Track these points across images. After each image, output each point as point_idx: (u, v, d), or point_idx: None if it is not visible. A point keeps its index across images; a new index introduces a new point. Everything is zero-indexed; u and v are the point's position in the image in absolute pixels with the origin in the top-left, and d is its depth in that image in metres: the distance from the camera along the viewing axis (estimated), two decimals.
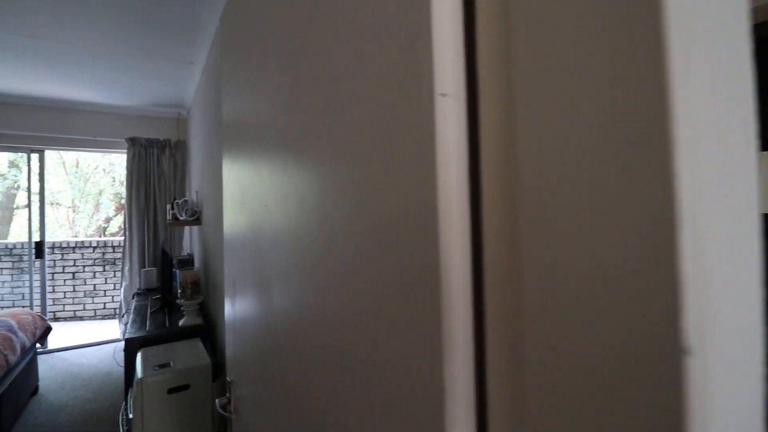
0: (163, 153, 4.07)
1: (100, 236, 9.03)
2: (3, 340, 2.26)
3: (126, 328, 3.90)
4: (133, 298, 3.11)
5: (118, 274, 5.03)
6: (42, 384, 2.95)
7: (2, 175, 8.35)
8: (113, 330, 4.36)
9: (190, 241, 4.16)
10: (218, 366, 1.87)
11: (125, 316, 3.75)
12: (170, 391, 1.65)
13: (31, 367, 2.72)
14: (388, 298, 0.36)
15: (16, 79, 2.97)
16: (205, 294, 2.41)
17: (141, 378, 1.61)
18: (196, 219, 2.91)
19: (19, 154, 7.13)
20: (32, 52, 2.46)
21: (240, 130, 0.97)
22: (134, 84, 3.19)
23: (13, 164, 8.32)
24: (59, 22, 2.02)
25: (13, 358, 2.27)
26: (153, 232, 3.99)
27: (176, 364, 1.72)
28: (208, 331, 2.24)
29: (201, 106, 2.90)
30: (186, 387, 1.69)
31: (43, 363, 3.35)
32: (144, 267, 3.90)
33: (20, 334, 2.47)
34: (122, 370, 3.19)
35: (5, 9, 1.85)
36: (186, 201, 3.00)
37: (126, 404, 1.94)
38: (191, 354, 1.84)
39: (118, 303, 5.00)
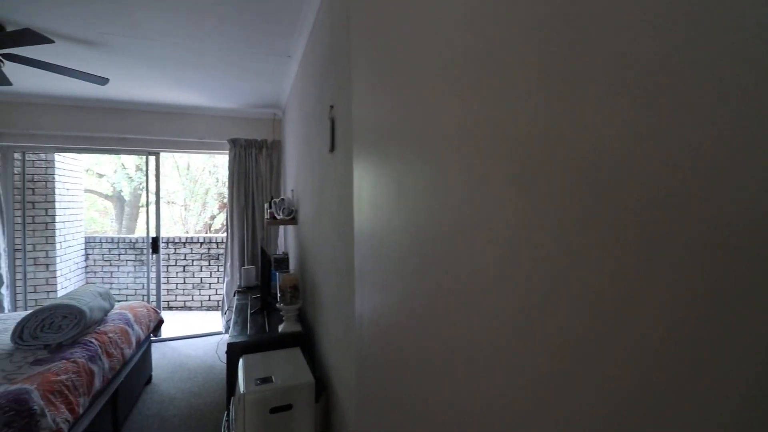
0: (260, 153, 4.15)
1: (206, 232, 9.96)
2: (121, 333, 2.36)
3: (228, 325, 4.10)
4: (234, 296, 3.14)
5: (221, 269, 5.35)
6: (155, 373, 3.12)
7: (130, 177, 9.62)
8: (216, 322, 4.60)
9: (284, 239, 4.20)
10: (320, 383, 1.68)
11: (227, 312, 3.89)
12: (273, 410, 1.48)
13: (146, 358, 2.87)
14: None
15: (136, 85, 3.18)
16: (303, 298, 2.26)
17: (243, 393, 1.47)
18: (292, 218, 2.82)
19: (140, 156, 7.99)
20: (146, 55, 2.56)
21: (380, 129, 0.91)
22: (235, 84, 3.24)
23: (138, 168, 9.54)
24: (167, 17, 2.01)
25: (128, 352, 2.36)
26: (251, 230, 4.09)
27: (278, 380, 1.56)
28: (307, 339, 2.08)
29: (297, 101, 2.80)
30: (288, 407, 1.51)
31: (156, 351, 3.59)
32: (244, 264, 4.01)
33: (136, 327, 2.59)
34: (224, 366, 3.29)
35: (120, 6, 1.86)
36: (283, 200, 2.93)
37: (228, 414, 1.85)
38: (293, 367, 1.67)
39: (222, 297, 5.32)
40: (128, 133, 3.86)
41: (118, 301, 5.62)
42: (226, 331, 4.00)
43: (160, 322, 3.04)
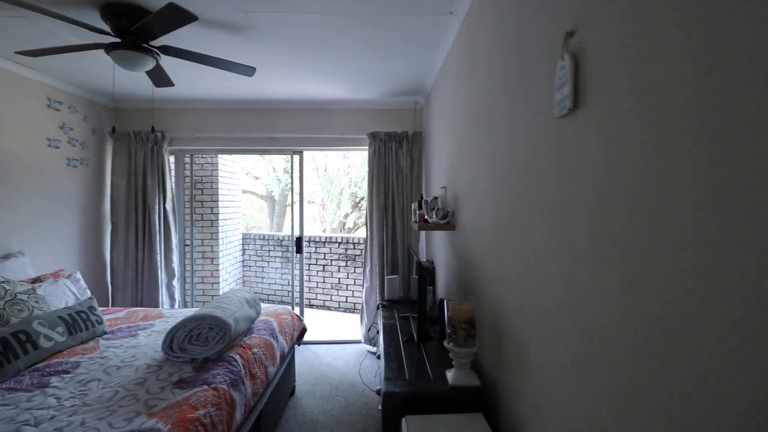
0: (400, 147, 3.71)
1: (340, 230, 10.35)
2: (266, 347, 2.12)
3: (369, 337, 3.72)
4: (378, 309, 2.74)
5: (358, 270, 5.18)
6: (298, 383, 2.93)
7: (279, 179, 10.58)
8: (355, 328, 4.37)
9: (425, 245, 3.69)
10: None
11: (371, 328, 3.57)
12: None
13: (289, 369, 2.66)
14: None
15: (281, 76, 3.04)
16: (479, 338, 1.63)
17: None
18: (446, 222, 2.24)
19: (286, 159, 8.39)
20: (290, 38, 2.29)
21: None
22: (377, 67, 2.83)
23: (285, 170, 10.41)
24: None
25: (272, 370, 2.10)
26: (391, 233, 3.69)
27: None
28: (489, 400, 1.46)
29: (458, 70, 2.21)
30: None
31: (299, 355, 3.46)
32: (383, 269, 3.64)
33: (280, 338, 2.36)
34: (365, 387, 2.94)
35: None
36: (436, 199, 2.38)
37: None
38: None
39: (360, 301, 5.14)
40: (276, 132, 3.85)
41: (267, 295, 6.03)
42: (366, 342, 3.68)
43: (303, 330, 2.82)
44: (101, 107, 3.65)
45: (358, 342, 3.85)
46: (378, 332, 2.61)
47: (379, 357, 2.23)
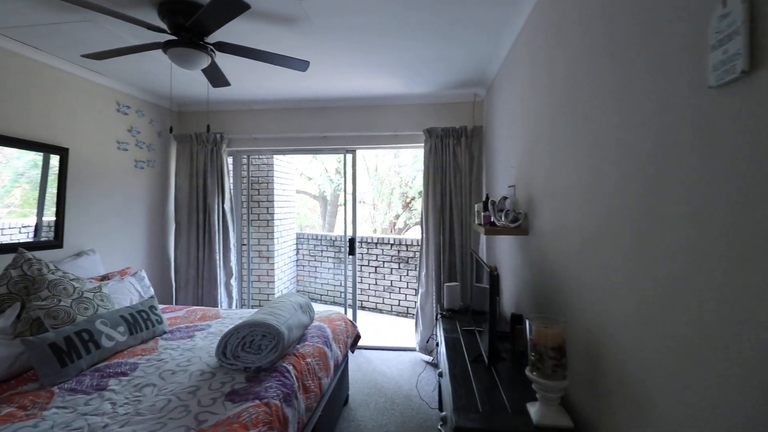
0: (458, 143, 3.46)
1: (390, 230, 10.22)
2: (320, 356, 1.99)
3: (426, 347, 3.33)
4: (437, 319, 2.53)
5: (411, 273, 4.99)
6: (351, 391, 2.80)
7: (331, 179, 10.69)
8: (408, 334, 4.19)
9: (485, 249, 3.41)
10: None
11: (430, 340, 3.34)
12: None
13: (343, 379, 2.53)
14: None
15: (335, 71, 2.92)
16: (570, 369, 1.36)
17: None
18: (517, 226, 1.97)
19: (338, 159, 8.36)
20: (345, 26, 2.14)
21: None
22: (436, 57, 2.61)
23: (337, 171, 10.49)
24: None
25: (326, 382, 1.97)
26: (449, 235, 3.45)
27: None
28: None
29: (526, 56, 1.93)
30: None
31: (352, 361, 3.34)
32: (439, 274, 3.40)
33: (334, 346, 2.22)
34: (422, 402, 2.74)
35: None
36: (505, 200, 2.11)
37: None
38: None
39: (413, 305, 4.94)
40: (329, 131, 3.77)
41: (320, 295, 6.03)
42: (421, 350, 3.47)
43: (357, 337, 2.68)
44: (165, 111, 3.79)
45: (412, 350, 3.66)
46: (437, 345, 2.40)
47: (441, 375, 2.01)
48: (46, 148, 2.57)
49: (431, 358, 3.40)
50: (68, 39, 2.28)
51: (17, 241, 2.43)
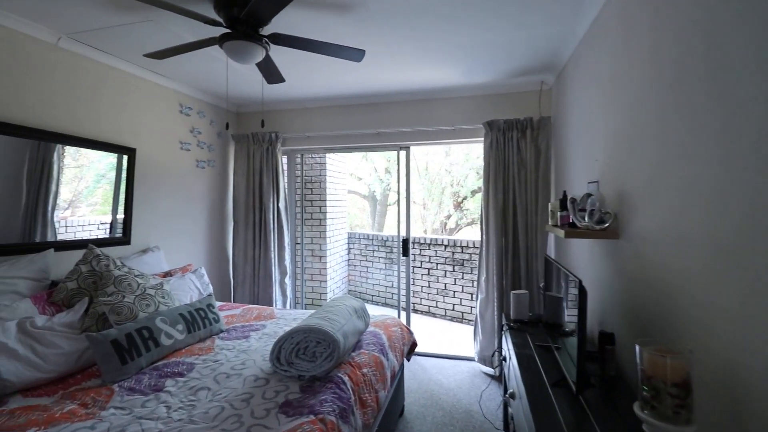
0: (523, 136, 3.16)
1: (441, 231, 9.93)
2: (376, 366, 1.84)
3: (486, 359, 3.04)
4: (502, 330, 2.28)
5: (467, 276, 4.72)
6: (406, 401, 2.63)
7: (381, 179, 10.62)
8: (466, 342, 3.95)
9: (553, 252, 3.08)
10: None
11: (495, 354, 3.07)
12: None
13: (399, 389, 2.37)
14: None
15: (390, 62, 2.77)
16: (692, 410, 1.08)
17: None
18: (603, 228, 1.68)
19: (388, 159, 8.23)
20: (403, 11, 1.97)
21: None
22: (497, 42, 2.37)
23: (386, 170, 10.40)
24: None
25: (383, 395, 1.82)
26: (512, 237, 3.16)
27: None
28: None
29: (618, 27, 1.64)
30: None
31: (405, 367, 3.17)
32: (501, 279, 3.13)
33: (391, 355, 2.07)
34: (488, 422, 2.47)
35: None
36: (589, 197, 1.83)
37: None
38: None
39: (469, 310, 4.68)
40: (382, 127, 3.64)
41: (371, 296, 5.94)
42: (481, 361, 3.22)
43: (414, 345, 2.51)
44: (224, 111, 3.87)
45: (470, 359, 3.41)
46: (504, 360, 2.16)
47: (512, 396, 1.78)
48: (116, 149, 2.68)
49: (493, 371, 3.14)
50: (132, 41, 2.34)
51: (95, 237, 2.57)
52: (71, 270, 2.13)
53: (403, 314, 3.81)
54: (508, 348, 2.08)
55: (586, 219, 1.75)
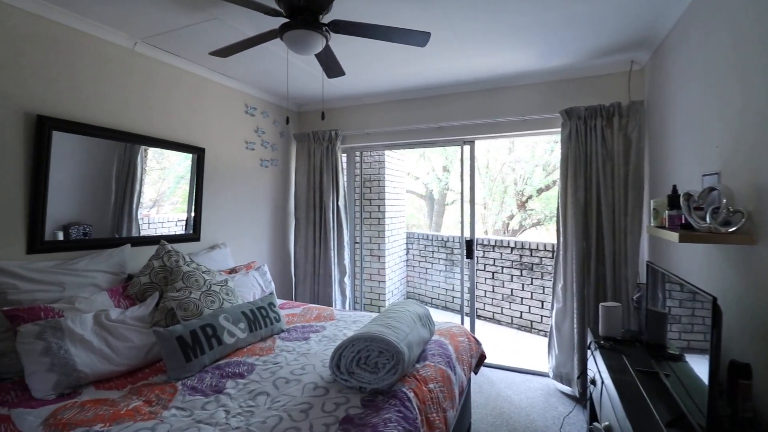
0: (608, 124, 2.77)
1: (504, 232, 9.40)
2: (443, 381, 1.66)
3: (564, 376, 2.69)
4: (590, 349, 1.98)
5: (537, 281, 4.33)
6: (473, 417, 2.40)
7: (439, 179, 10.33)
8: (537, 352, 3.60)
9: (645, 257, 2.65)
10: None
11: (579, 376, 2.69)
12: None
13: (466, 406, 2.16)
14: None
15: (454, 57, 2.57)
16: None
17: None
18: (733, 231, 1.33)
19: (447, 158, 7.91)
20: (467, 5, 1.76)
21: None
22: (579, 15, 2.05)
23: (445, 169, 10.09)
24: None
25: (451, 414, 1.63)
26: (595, 240, 2.78)
27: None
28: None
29: None
30: None
31: (471, 380, 2.93)
32: (583, 287, 2.76)
33: (458, 369, 1.87)
34: None
35: None
36: (711, 192, 1.48)
37: None
38: None
39: (542, 322, 4.28)
40: (444, 120, 3.43)
41: (430, 299, 5.72)
42: (558, 378, 2.88)
43: (482, 357, 2.28)
44: (286, 111, 3.91)
45: (543, 375, 3.08)
46: (593, 383, 1.85)
47: (596, 425, 1.49)
48: (188, 149, 2.78)
49: (571, 390, 2.79)
50: (200, 42, 2.39)
51: (172, 234, 2.70)
52: (144, 265, 2.22)
53: (467, 320, 3.57)
54: (598, 370, 1.78)
55: (708, 219, 1.42)
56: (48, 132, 1.94)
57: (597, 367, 1.80)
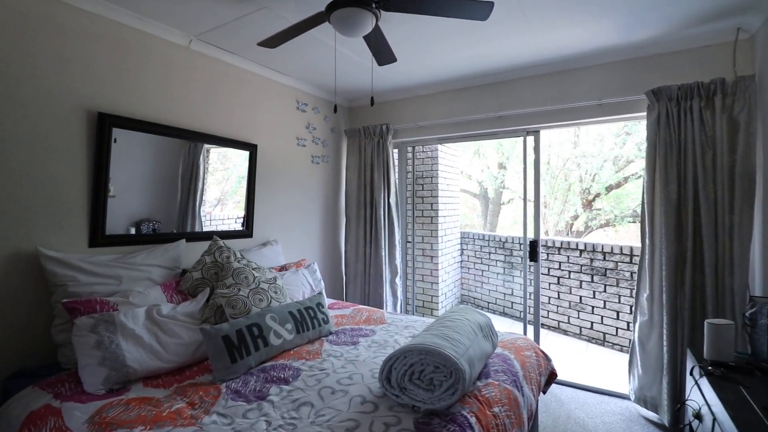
0: (708, 105, 2.33)
1: (567, 233, 8.69)
2: (509, 404, 1.42)
3: (647, 399, 2.34)
4: (692, 374, 1.62)
5: (611, 289, 3.85)
6: None
7: (495, 177, 9.82)
8: (614, 369, 3.18)
9: (760, 268, 2.18)
10: None
11: (678, 407, 2.26)
12: None
13: (534, 431, 1.88)
14: None
15: (517, 35, 2.29)
16: None
17: None
18: None
19: (507, 146, 7.44)
20: None
21: None
22: None
23: (501, 166, 9.57)
24: None
25: None
26: (692, 243, 2.35)
27: None
28: None
29: None
30: None
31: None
32: (675, 298, 2.34)
33: (526, 389, 1.62)
34: None
35: None
36: None
37: None
38: None
39: (618, 335, 3.80)
40: (504, 109, 3.13)
41: (487, 303, 5.37)
42: (640, 402, 2.49)
43: (552, 376, 1.99)
44: (338, 107, 3.83)
45: (623, 397, 2.68)
46: (698, 419, 1.50)
47: None
48: (241, 145, 2.78)
49: (658, 416, 2.39)
50: (251, 36, 2.34)
51: (229, 230, 2.75)
52: (197, 260, 2.22)
53: (530, 329, 3.24)
54: (706, 402, 1.44)
55: None
56: (108, 129, 1.99)
57: (704, 398, 1.46)
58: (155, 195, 2.29)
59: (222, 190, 2.72)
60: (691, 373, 1.67)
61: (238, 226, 2.83)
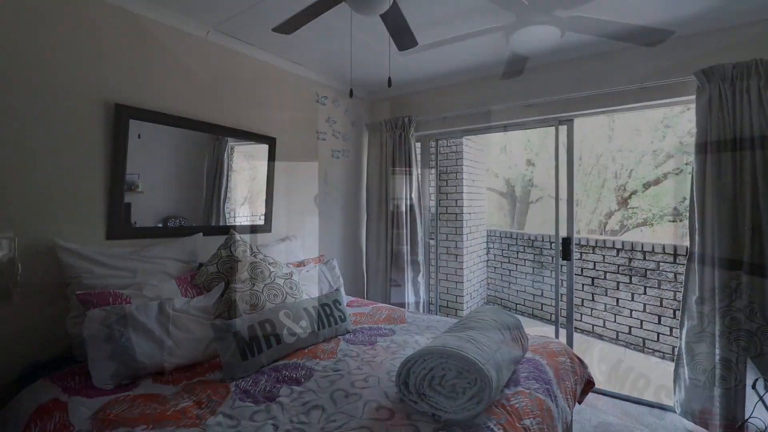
0: (767, 86, 2.07)
1: (600, 232, 8.26)
2: (541, 416, 1.28)
3: (686, 400, 2.10)
4: (755, 388, 1.42)
5: (652, 291, 3.57)
6: None
7: (523, 174, 9.47)
8: (655, 378, 2.93)
9: None
10: None
11: (741, 426, 2.01)
12: None
13: None
14: None
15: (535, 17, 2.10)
16: None
17: None
18: None
19: (532, 150, 7.13)
20: None
21: None
22: None
23: (529, 162, 9.21)
24: None
25: None
26: (748, 243, 2.10)
27: None
28: None
29: None
30: None
31: None
32: (730, 303, 2.10)
33: (560, 398, 1.46)
34: None
35: None
36: None
37: None
38: None
39: (663, 344, 3.51)
40: (534, 96, 2.94)
41: (514, 304, 5.14)
42: (687, 415, 2.25)
43: (589, 384, 1.81)
44: (358, 101, 3.74)
45: (667, 409, 2.45)
46: None
47: None
48: (259, 138, 2.73)
49: None
50: (267, 26, 2.27)
51: (248, 224, 2.73)
52: (213, 254, 2.17)
53: (562, 333, 3.04)
54: None
55: None
56: (125, 120, 1.97)
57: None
58: (181, 192, 2.32)
59: (249, 189, 2.75)
60: (754, 387, 1.46)
61: (259, 221, 2.80)
